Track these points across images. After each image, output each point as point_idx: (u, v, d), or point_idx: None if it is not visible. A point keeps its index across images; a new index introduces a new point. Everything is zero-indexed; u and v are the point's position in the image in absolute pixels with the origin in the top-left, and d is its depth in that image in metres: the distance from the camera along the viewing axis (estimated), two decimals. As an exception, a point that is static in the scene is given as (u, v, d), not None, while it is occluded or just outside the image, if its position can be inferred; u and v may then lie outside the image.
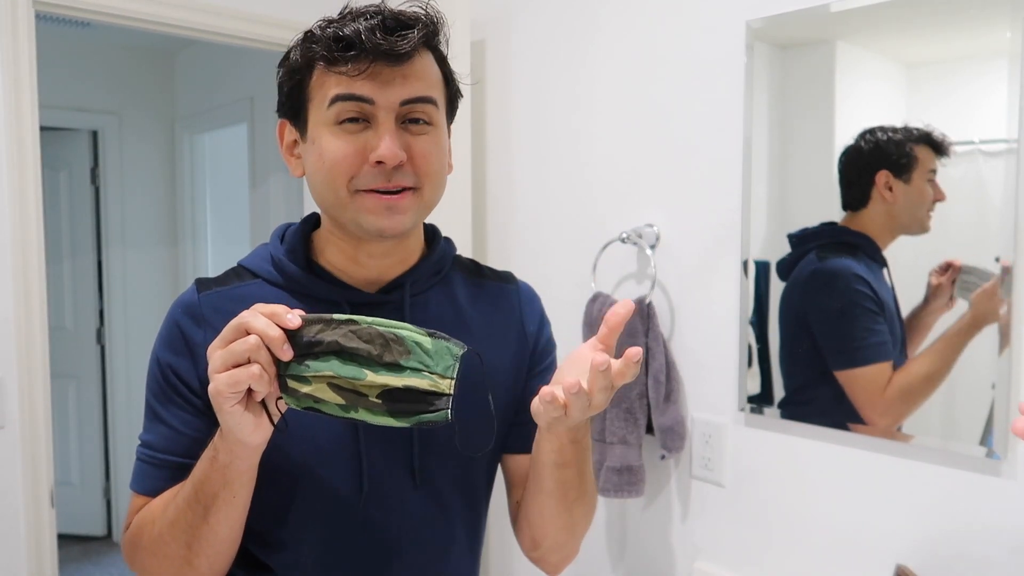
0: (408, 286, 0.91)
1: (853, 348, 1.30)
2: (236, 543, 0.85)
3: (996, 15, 1.13)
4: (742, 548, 1.48)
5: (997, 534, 1.17)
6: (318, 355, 0.72)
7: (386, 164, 0.81)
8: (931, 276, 1.21)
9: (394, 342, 0.72)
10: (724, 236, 1.48)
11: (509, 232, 1.92)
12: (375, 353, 0.72)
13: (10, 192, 1.79)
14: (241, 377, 0.69)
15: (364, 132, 0.82)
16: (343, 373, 0.71)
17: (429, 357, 0.72)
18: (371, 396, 0.72)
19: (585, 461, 0.89)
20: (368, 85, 0.80)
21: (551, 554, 0.97)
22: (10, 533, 1.82)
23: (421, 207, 0.86)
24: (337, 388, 0.72)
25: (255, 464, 0.79)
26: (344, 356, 0.72)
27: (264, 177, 3.31)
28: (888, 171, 1.24)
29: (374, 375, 0.72)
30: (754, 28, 1.40)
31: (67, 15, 1.94)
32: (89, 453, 4.01)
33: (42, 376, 1.85)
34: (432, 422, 0.73)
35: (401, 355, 0.72)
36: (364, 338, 0.72)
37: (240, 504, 0.81)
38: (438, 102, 0.86)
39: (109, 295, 3.96)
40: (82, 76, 3.79)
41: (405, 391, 0.72)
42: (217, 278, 0.92)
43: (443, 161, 0.87)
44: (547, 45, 1.81)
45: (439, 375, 0.73)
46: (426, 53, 0.85)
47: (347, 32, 0.79)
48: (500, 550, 1.96)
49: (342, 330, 0.72)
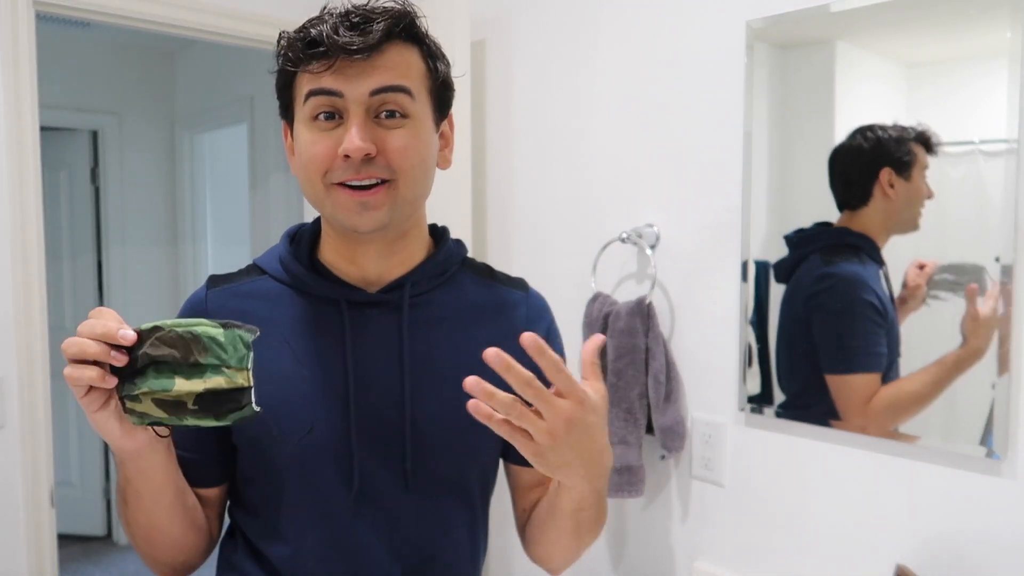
0: (409, 286, 0.91)
1: (849, 355, 1.30)
2: (167, 533, 0.88)
3: (996, 15, 1.13)
4: (742, 548, 1.48)
5: (997, 534, 1.17)
6: (140, 370, 0.72)
7: (352, 157, 0.81)
8: (907, 274, 1.22)
9: (192, 341, 0.71)
10: (724, 236, 1.48)
11: (509, 232, 1.92)
12: (179, 356, 0.71)
13: (10, 192, 1.79)
14: (79, 375, 0.71)
15: (338, 128, 0.83)
16: (156, 387, 0.71)
17: (223, 351, 0.72)
18: (189, 404, 0.72)
19: (603, 499, 0.90)
20: (336, 79, 0.81)
21: (558, 566, 1.00)
22: (10, 533, 1.82)
23: (398, 201, 0.85)
24: (160, 403, 0.72)
25: (147, 469, 0.82)
26: (158, 366, 0.72)
27: (264, 177, 3.31)
28: (891, 168, 1.24)
29: (182, 382, 0.71)
30: (754, 28, 1.40)
31: (67, 15, 1.94)
32: (89, 453, 4.01)
33: (42, 376, 1.85)
34: (245, 418, 0.74)
35: (200, 353, 0.71)
36: (168, 343, 0.71)
37: (149, 499, 0.85)
38: (414, 92, 0.84)
39: (109, 295, 3.96)
40: (82, 76, 3.79)
41: (211, 394, 0.72)
42: (229, 275, 0.95)
43: (422, 154, 0.86)
44: (547, 45, 1.81)
45: (235, 368, 0.73)
46: (402, 45, 0.84)
47: (312, 33, 0.81)
48: (500, 550, 1.96)
49: (150, 339, 0.71)
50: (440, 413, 0.90)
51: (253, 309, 0.90)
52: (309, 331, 0.89)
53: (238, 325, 0.73)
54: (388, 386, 0.89)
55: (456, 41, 1.79)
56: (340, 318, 0.89)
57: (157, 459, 0.82)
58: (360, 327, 0.90)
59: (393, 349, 0.90)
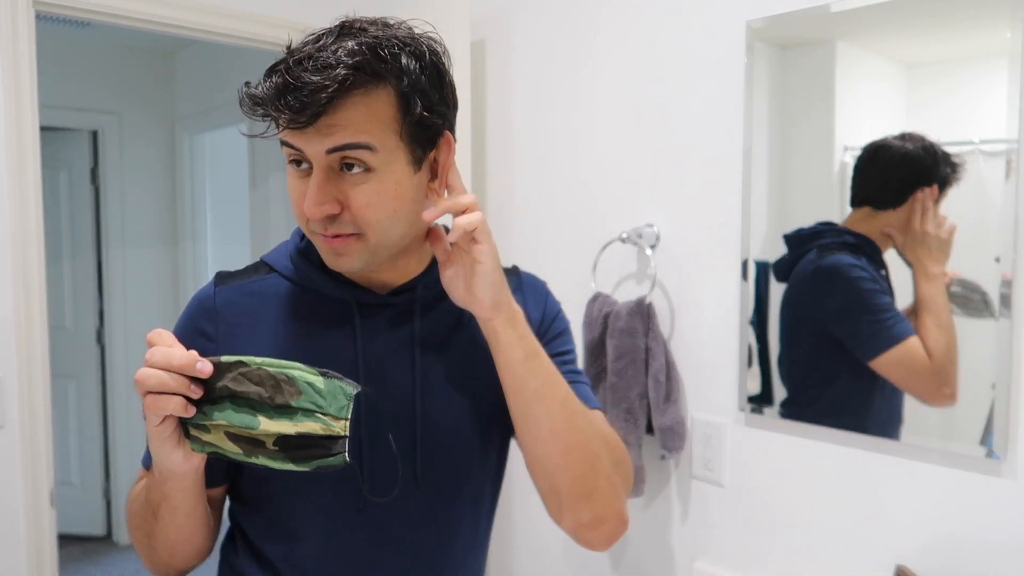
0: (420, 289, 0.91)
1: (878, 332, 1.28)
2: (191, 543, 0.88)
3: (996, 15, 1.13)
4: (742, 548, 1.48)
5: (997, 534, 1.17)
6: (214, 400, 0.71)
7: (309, 217, 0.79)
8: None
9: (285, 383, 0.70)
10: (724, 236, 1.48)
11: (509, 232, 1.92)
12: (266, 395, 0.70)
13: (10, 192, 1.79)
14: (163, 405, 0.71)
15: (310, 176, 0.80)
16: (236, 423, 0.70)
17: (322, 397, 0.71)
18: (268, 444, 0.71)
19: (539, 352, 0.86)
20: (294, 136, 0.78)
21: (577, 505, 0.87)
22: (10, 533, 1.82)
23: (368, 251, 0.82)
24: (234, 437, 0.71)
25: (189, 487, 0.82)
26: (237, 400, 0.71)
27: (264, 177, 3.31)
28: (938, 186, 1.21)
29: (267, 422, 0.70)
30: (754, 28, 1.40)
31: (67, 15, 1.94)
32: (89, 453, 4.01)
33: (42, 376, 1.85)
34: (331, 466, 0.72)
35: (292, 396, 0.70)
36: (254, 380, 0.70)
37: (183, 515, 0.84)
38: (376, 145, 0.77)
39: (109, 295, 3.96)
40: (82, 76, 3.79)
41: (300, 437, 0.71)
42: (237, 272, 0.94)
43: (391, 206, 0.80)
44: (547, 45, 1.81)
45: (332, 416, 0.71)
46: (363, 94, 0.76)
47: (258, 93, 0.77)
48: (501, 550, 1.96)
49: (232, 373, 0.71)
50: (450, 414, 0.91)
51: (263, 307, 0.90)
52: (320, 331, 0.89)
53: (338, 376, 0.72)
54: (399, 386, 0.89)
55: (456, 41, 1.79)
56: (351, 319, 0.89)
57: (200, 478, 0.82)
58: (370, 328, 0.90)
59: (404, 350, 0.90)
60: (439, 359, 0.91)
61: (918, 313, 1.23)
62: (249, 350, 0.87)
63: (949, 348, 1.20)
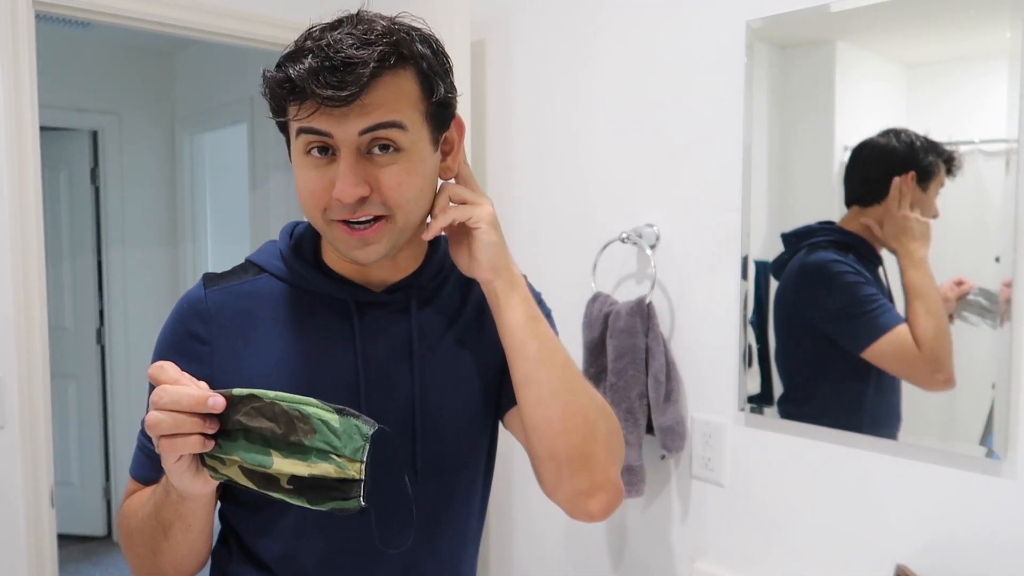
0: (416, 286, 0.92)
1: (865, 323, 1.29)
2: (200, 555, 0.88)
3: (996, 15, 1.13)
4: (742, 548, 1.48)
5: (997, 534, 1.17)
6: (228, 433, 0.70)
7: (343, 201, 0.79)
8: (942, 287, 1.20)
9: (299, 420, 0.68)
10: (724, 236, 1.48)
11: (509, 232, 1.91)
12: (279, 432, 0.68)
13: (10, 192, 1.79)
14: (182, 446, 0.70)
15: (332, 164, 0.80)
16: (249, 460, 0.69)
17: (337, 437, 0.69)
18: (282, 482, 0.70)
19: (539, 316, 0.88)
20: (324, 120, 0.77)
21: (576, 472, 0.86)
22: (10, 533, 1.82)
23: (395, 233, 0.83)
24: (248, 473, 0.70)
25: (206, 505, 0.82)
26: (249, 435, 0.69)
27: (264, 177, 3.31)
28: (916, 173, 1.22)
29: (281, 460, 0.69)
30: (754, 28, 1.40)
31: (67, 15, 1.94)
32: (89, 453, 4.01)
33: (42, 376, 1.85)
34: (346, 510, 0.70)
35: (306, 434, 0.68)
36: (267, 415, 0.69)
37: (198, 531, 0.84)
38: (407, 124, 0.80)
39: (109, 295, 3.96)
40: (82, 76, 3.79)
41: (314, 479, 0.69)
42: (224, 273, 0.93)
43: (418, 185, 0.83)
44: (547, 45, 1.81)
45: (348, 459, 0.69)
46: (392, 75, 0.78)
47: (292, 75, 0.76)
48: (501, 550, 1.96)
49: (245, 407, 0.69)
50: (448, 410, 0.91)
51: (258, 309, 0.89)
52: (317, 330, 0.89)
53: (355, 414, 0.69)
54: (398, 384, 0.89)
55: (456, 41, 1.79)
56: (348, 317, 0.89)
57: (214, 497, 0.83)
58: (369, 326, 0.90)
59: (403, 347, 0.90)
60: (434, 355, 0.92)
61: (908, 300, 1.23)
62: (246, 353, 0.87)
63: (939, 334, 1.20)
